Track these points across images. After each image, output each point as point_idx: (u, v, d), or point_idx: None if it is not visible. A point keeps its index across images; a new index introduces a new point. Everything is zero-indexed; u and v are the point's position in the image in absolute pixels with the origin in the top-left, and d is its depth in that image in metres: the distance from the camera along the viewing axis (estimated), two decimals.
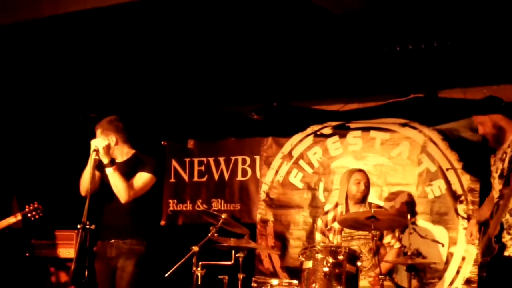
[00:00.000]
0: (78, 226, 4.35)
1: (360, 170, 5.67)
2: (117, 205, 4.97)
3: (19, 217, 5.89)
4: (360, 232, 5.40)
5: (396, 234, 5.50)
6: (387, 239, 5.47)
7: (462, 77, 5.86)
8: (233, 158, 6.92)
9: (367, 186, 5.54)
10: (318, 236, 5.73)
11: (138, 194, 5.02)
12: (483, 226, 4.67)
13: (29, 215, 5.89)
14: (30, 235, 6.77)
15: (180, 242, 5.31)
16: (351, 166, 6.28)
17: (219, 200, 6.92)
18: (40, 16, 5.40)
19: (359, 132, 6.40)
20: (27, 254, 6.69)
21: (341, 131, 6.49)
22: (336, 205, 5.64)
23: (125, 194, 4.89)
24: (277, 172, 6.70)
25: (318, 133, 6.59)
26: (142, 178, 5.04)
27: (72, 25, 5.55)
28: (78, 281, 4.49)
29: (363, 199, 5.51)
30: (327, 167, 6.51)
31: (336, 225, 5.50)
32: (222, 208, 6.82)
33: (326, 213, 5.76)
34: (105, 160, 4.82)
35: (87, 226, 4.37)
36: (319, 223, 5.73)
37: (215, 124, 7.00)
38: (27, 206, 5.89)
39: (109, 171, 4.85)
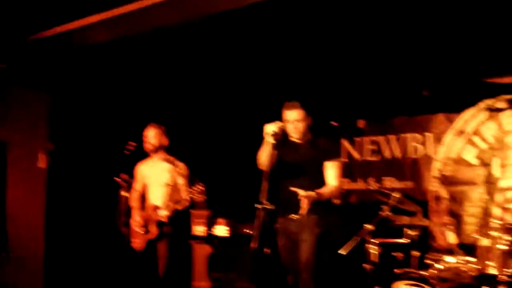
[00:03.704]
0: (258, 206, 4.54)
1: None
2: (298, 182, 5.12)
3: (188, 197, 6.01)
4: None
5: None
6: None
7: None
8: (403, 135, 6.93)
9: None
10: (496, 211, 5.61)
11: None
12: None
13: (194, 196, 5.93)
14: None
15: (355, 220, 5.41)
16: None
17: (391, 178, 6.97)
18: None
19: None
20: None
21: None
22: None
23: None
24: (449, 148, 6.63)
25: (492, 107, 6.43)
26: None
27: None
28: (259, 258, 4.71)
29: None
30: (501, 142, 6.35)
31: None
32: (394, 186, 6.86)
33: (506, 189, 5.59)
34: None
35: (266, 206, 4.56)
36: (498, 197, 5.61)
37: (384, 102, 7.02)
38: (194, 187, 5.93)
39: None
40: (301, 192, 4.83)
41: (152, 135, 6.20)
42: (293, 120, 5.13)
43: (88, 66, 6.87)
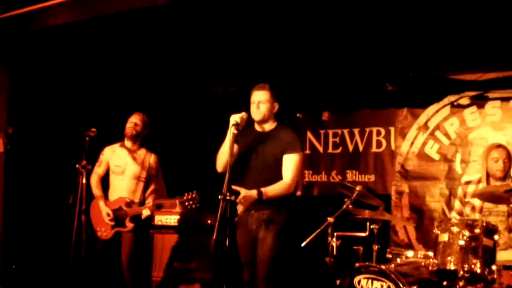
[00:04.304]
0: (219, 197, 4.48)
1: (499, 146, 5.45)
2: (255, 177, 5.06)
3: (176, 203, 5.97)
4: (500, 208, 5.26)
5: None
6: None
7: None
8: (367, 129, 6.94)
9: (507, 162, 5.34)
10: (457, 204, 5.62)
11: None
12: None
13: (186, 203, 5.92)
14: None
15: (316, 213, 5.39)
16: (490, 137, 6.17)
17: (354, 171, 6.97)
18: None
19: (498, 102, 6.23)
20: None
21: (479, 101, 6.35)
22: (479, 181, 5.51)
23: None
24: (412, 143, 6.66)
25: (455, 103, 6.48)
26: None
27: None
28: (219, 250, 4.66)
29: (504, 177, 5.34)
30: (464, 138, 6.40)
31: (476, 202, 5.38)
32: (357, 180, 6.88)
33: (468, 183, 5.61)
34: None
35: (227, 197, 4.51)
36: (459, 191, 5.62)
37: (350, 95, 7.01)
38: (186, 194, 5.93)
39: None
40: (242, 192, 4.73)
41: (139, 120, 6.21)
42: (258, 101, 5.02)
43: (48, 48, 6.73)
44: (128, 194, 6.19)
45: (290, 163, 4.98)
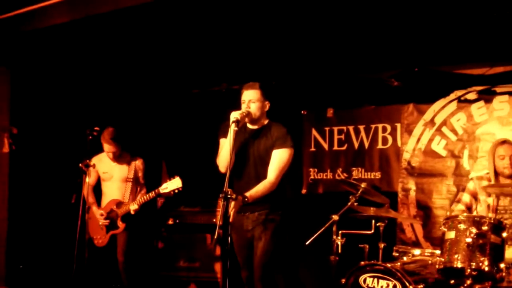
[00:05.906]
0: (220, 196, 4.42)
1: (504, 142, 5.34)
2: (249, 174, 4.97)
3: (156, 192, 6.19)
4: None
5: None
6: None
7: None
8: (373, 126, 6.85)
9: None
10: (466, 197, 5.49)
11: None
12: None
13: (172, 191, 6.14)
14: (180, 203, 7.11)
15: (321, 210, 5.32)
16: (497, 132, 6.08)
17: (359, 169, 6.88)
18: None
19: (506, 97, 6.13)
20: (177, 221, 7.02)
21: (487, 96, 6.24)
22: (490, 179, 5.40)
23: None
24: (418, 139, 6.56)
25: (462, 98, 6.38)
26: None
27: None
28: (221, 248, 4.63)
29: None
30: (471, 133, 6.30)
31: (490, 201, 5.28)
32: (362, 177, 6.79)
33: (480, 178, 5.51)
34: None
35: (229, 196, 4.44)
36: (471, 185, 5.49)
37: (355, 92, 6.93)
38: (167, 179, 6.16)
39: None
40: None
41: (114, 146, 6.33)
42: (248, 100, 4.96)
43: (49, 48, 6.70)
44: (119, 197, 6.44)
45: (276, 158, 4.92)
